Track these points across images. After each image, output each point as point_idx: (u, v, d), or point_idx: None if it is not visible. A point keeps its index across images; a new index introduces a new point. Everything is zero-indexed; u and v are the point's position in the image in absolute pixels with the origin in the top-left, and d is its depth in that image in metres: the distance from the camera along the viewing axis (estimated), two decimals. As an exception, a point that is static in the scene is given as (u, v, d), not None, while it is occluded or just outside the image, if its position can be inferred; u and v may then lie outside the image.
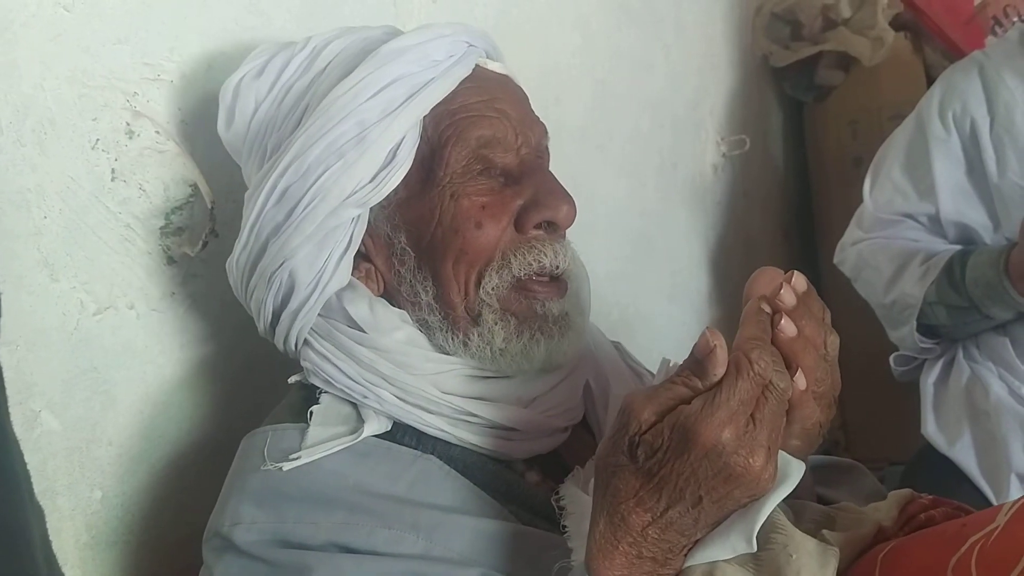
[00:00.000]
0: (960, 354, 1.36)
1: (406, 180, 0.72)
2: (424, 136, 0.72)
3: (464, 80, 0.73)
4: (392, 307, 0.73)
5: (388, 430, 0.71)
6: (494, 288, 0.71)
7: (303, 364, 0.74)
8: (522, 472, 0.74)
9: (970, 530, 0.54)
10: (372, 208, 0.72)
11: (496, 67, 0.78)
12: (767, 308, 0.57)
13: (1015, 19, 1.98)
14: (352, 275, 0.73)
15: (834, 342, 0.60)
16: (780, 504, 0.55)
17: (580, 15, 1.45)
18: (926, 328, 1.35)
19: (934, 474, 1.28)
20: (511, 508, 0.69)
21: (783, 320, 0.57)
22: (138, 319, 0.82)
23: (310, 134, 0.70)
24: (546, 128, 0.79)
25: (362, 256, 0.74)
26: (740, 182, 2.01)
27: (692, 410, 0.52)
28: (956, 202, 1.34)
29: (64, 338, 0.76)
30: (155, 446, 0.84)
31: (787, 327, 0.57)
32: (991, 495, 1.21)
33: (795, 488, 0.54)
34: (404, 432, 0.71)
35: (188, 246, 0.83)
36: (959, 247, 1.34)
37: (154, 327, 0.83)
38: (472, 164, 0.72)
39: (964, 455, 1.26)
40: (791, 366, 0.57)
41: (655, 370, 0.64)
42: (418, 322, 0.73)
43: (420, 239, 0.72)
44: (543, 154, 0.78)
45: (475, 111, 0.73)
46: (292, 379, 0.77)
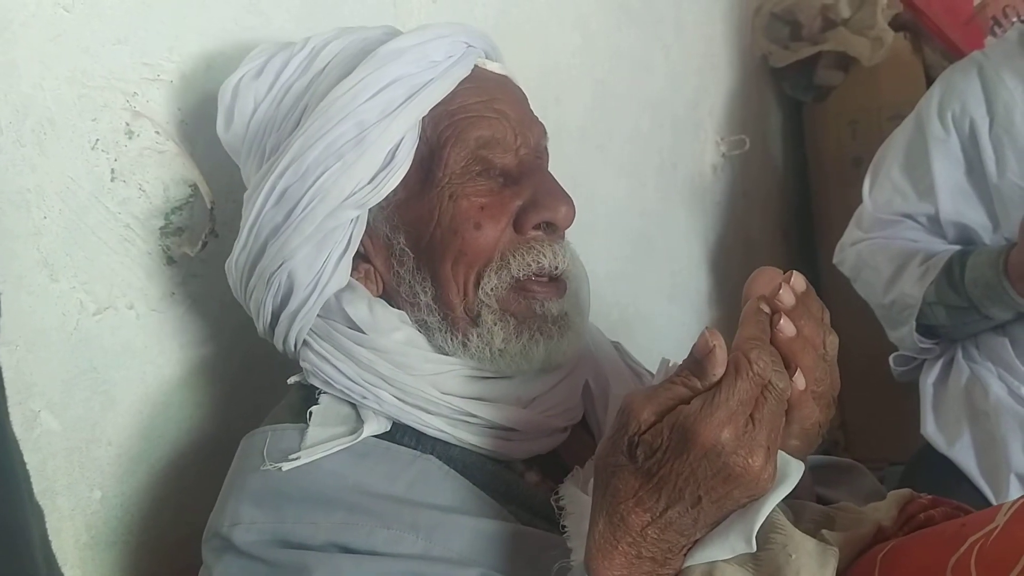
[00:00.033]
0: (959, 354, 1.35)
1: (405, 181, 0.72)
2: (423, 137, 0.72)
3: (463, 81, 0.73)
4: (391, 308, 0.73)
5: (387, 430, 0.71)
6: (493, 289, 0.71)
7: (302, 365, 0.74)
8: (521, 472, 0.74)
9: (969, 530, 0.54)
10: (371, 209, 0.72)
11: (495, 67, 0.78)
12: (766, 308, 0.57)
13: (1014, 19, 1.98)
14: (351, 276, 0.73)
15: (833, 342, 0.60)
16: (779, 504, 0.55)
17: (580, 15, 1.45)
18: (925, 328, 1.35)
19: (933, 474, 1.28)
20: (510, 508, 0.69)
21: (782, 320, 0.57)
22: (138, 319, 0.82)
23: (309, 135, 0.70)
24: (545, 128, 0.79)
25: (361, 257, 0.74)
26: (740, 182, 2.01)
27: (691, 410, 0.52)
28: (955, 202, 1.34)
29: (64, 338, 0.76)
30: (154, 446, 0.84)
31: (786, 327, 0.57)
32: (990, 495, 1.21)
33: (794, 488, 0.54)
34: (403, 432, 0.71)
35: (188, 246, 0.83)
36: (958, 247, 1.33)
37: (154, 327, 0.83)
38: (471, 165, 0.72)
39: (963, 455, 1.26)
40: (790, 366, 0.57)
41: (655, 370, 0.64)
42: (417, 323, 0.73)
43: (419, 240, 0.72)
44: (542, 154, 0.78)
45: (474, 112, 0.73)
46: (291, 380, 0.77)
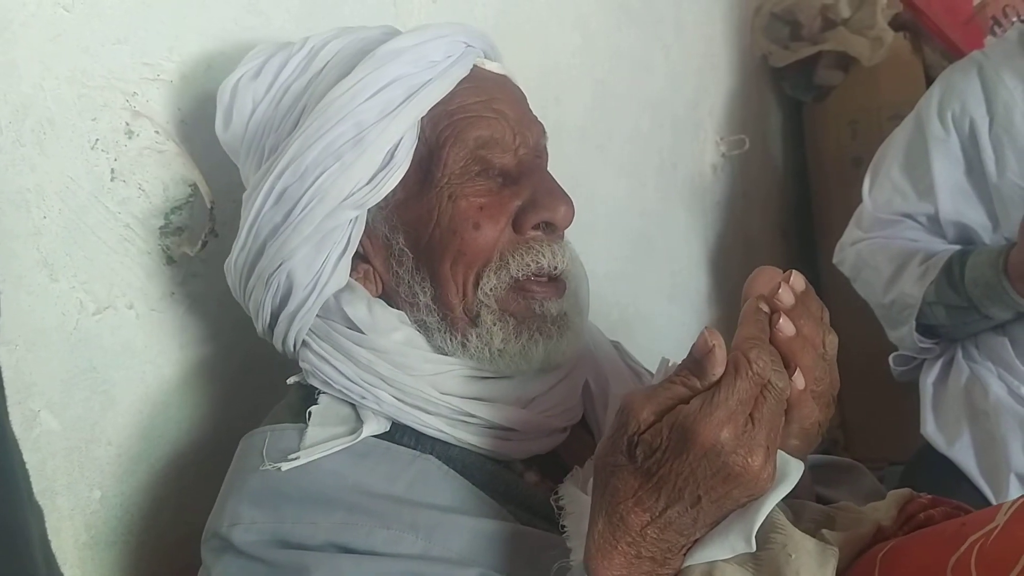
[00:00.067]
0: (959, 354, 1.35)
1: (404, 181, 0.71)
2: (422, 137, 0.72)
3: (462, 81, 0.73)
4: (390, 308, 0.73)
5: (387, 431, 0.71)
6: (492, 289, 0.71)
7: (302, 365, 0.74)
8: (521, 472, 0.74)
9: (969, 529, 0.54)
10: (370, 209, 0.72)
11: (494, 67, 0.78)
12: (765, 307, 0.58)
13: (1014, 19, 1.98)
14: (350, 276, 0.73)
15: (832, 341, 0.60)
16: (779, 504, 0.55)
17: (580, 15, 1.45)
18: (925, 328, 1.35)
19: (933, 474, 1.28)
20: (510, 508, 0.69)
21: (781, 319, 0.57)
22: (137, 319, 0.82)
23: (308, 135, 0.70)
24: (544, 128, 0.79)
25: (360, 257, 0.74)
26: (739, 182, 2.01)
27: (691, 410, 0.52)
28: (955, 202, 1.34)
29: (63, 338, 0.76)
30: (154, 446, 0.84)
31: (785, 326, 0.57)
32: (990, 495, 1.21)
33: (794, 488, 0.54)
34: (403, 432, 0.71)
35: (188, 246, 0.83)
36: (958, 247, 1.33)
37: (153, 327, 0.83)
38: (470, 165, 0.72)
39: (963, 455, 1.26)
40: (789, 365, 0.57)
41: (654, 370, 0.64)
42: (416, 323, 0.73)
43: (418, 240, 0.72)
44: (541, 154, 0.78)
45: (473, 112, 0.72)
46: (291, 380, 0.77)
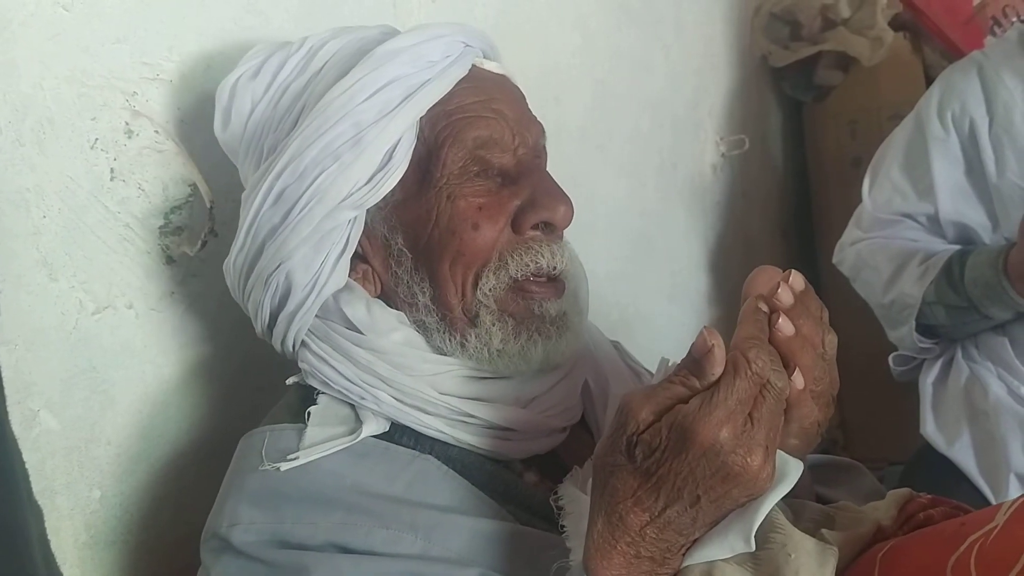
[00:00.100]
0: (959, 354, 1.35)
1: (403, 182, 0.71)
2: (420, 137, 0.72)
3: (461, 80, 0.73)
4: (389, 308, 0.73)
5: (386, 431, 0.71)
6: (491, 289, 0.71)
7: (301, 366, 0.74)
8: (520, 472, 0.74)
9: (969, 529, 0.54)
10: (369, 210, 0.72)
11: (493, 67, 0.78)
12: (764, 307, 0.57)
13: (1014, 19, 1.98)
14: (349, 277, 0.73)
15: (832, 341, 0.60)
16: (779, 503, 0.55)
17: (580, 15, 1.45)
18: (925, 328, 1.35)
19: (933, 474, 1.27)
20: (509, 508, 0.69)
21: (781, 319, 0.57)
22: (137, 319, 0.82)
23: (306, 136, 0.70)
24: (543, 128, 0.79)
25: (359, 258, 0.74)
26: (739, 182, 2.01)
27: (690, 409, 0.52)
28: (955, 202, 1.34)
29: (63, 337, 0.76)
30: (154, 446, 0.84)
31: (784, 326, 0.57)
32: (990, 495, 1.21)
33: (794, 487, 0.54)
34: (402, 433, 0.71)
35: (187, 245, 0.83)
36: (958, 247, 1.33)
37: (153, 327, 0.83)
38: (469, 165, 0.72)
39: (963, 455, 1.26)
40: (789, 365, 0.57)
41: (654, 370, 0.64)
42: (415, 323, 0.73)
43: (417, 240, 0.72)
44: (540, 154, 0.78)
45: (472, 112, 0.72)
46: (290, 380, 0.76)
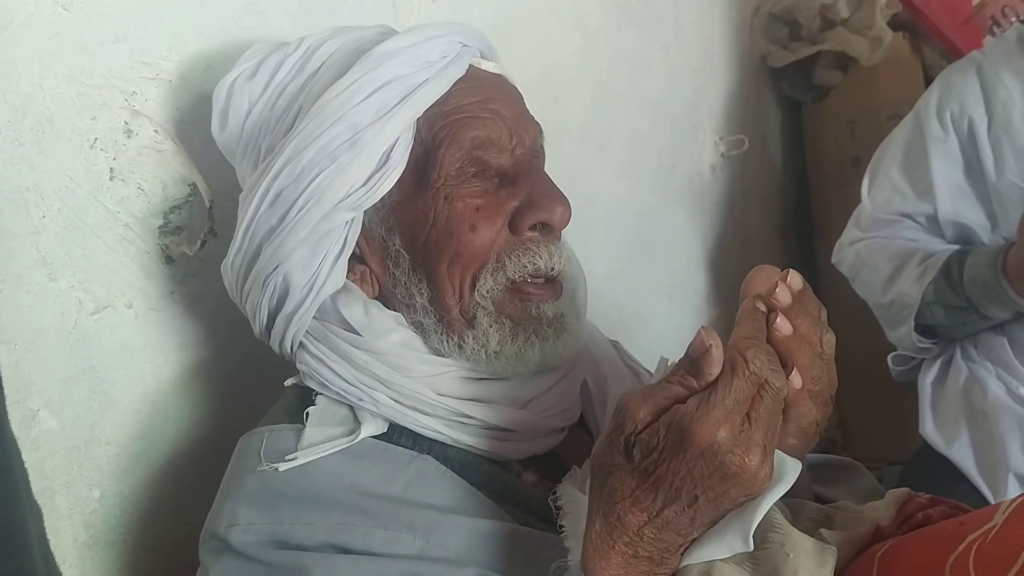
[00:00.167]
0: (958, 354, 1.35)
1: (400, 182, 0.71)
2: (418, 138, 0.72)
3: (458, 81, 0.73)
4: (387, 310, 0.73)
5: (384, 432, 0.71)
6: (489, 290, 0.71)
7: (299, 367, 0.74)
8: (518, 472, 0.74)
9: (968, 529, 0.54)
10: (366, 211, 0.72)
11: (490, 67, 0.78)
12: (762, 307, 0.57)
13: (1013, 19, 1.98)
14: (347, 278, 0.73)
15: (830, 340, 0.60)
16: (777, 503, 0.55)
17: (580, 15, 1.45)
18: (924, 328, 1.35)
19: (932, 473, 1.28)
20: (507, 508, 0.69)
21: (779, 319, 0.56)
22: (136, 318, 0.82)
23: (303, 137, 0.70)
24: (541, 128, 0.78)
25: (357, 259, 0.74)
26: (738, 182, 2.01)
27: (688, 409, 0.52)
28: (954, 202, 1.34)
29: (62, 337, 0.76)
30: (153, 446, 0.84)
31: (782, 325, 0.56)
32: (989, 494, 1.21)
33: (792, 487, 0.54)
34: (400, 433, 0.71)
35: (187, 245, 0.83)
36: (957, 247, 1.33)
37: (152, 326, 0.83)
38: (466, 166, 0.72)
39: (962, 455, 1.26)
40: (787, 365, 0.56)
41: (653, 369, 0.64)
42: (413, 324, 0.73)
43: (415, 241, 0.72)
44: (538, 154, 0.78)
45: (469, 112, 0.72)
46: (288, 382, 0.76)
